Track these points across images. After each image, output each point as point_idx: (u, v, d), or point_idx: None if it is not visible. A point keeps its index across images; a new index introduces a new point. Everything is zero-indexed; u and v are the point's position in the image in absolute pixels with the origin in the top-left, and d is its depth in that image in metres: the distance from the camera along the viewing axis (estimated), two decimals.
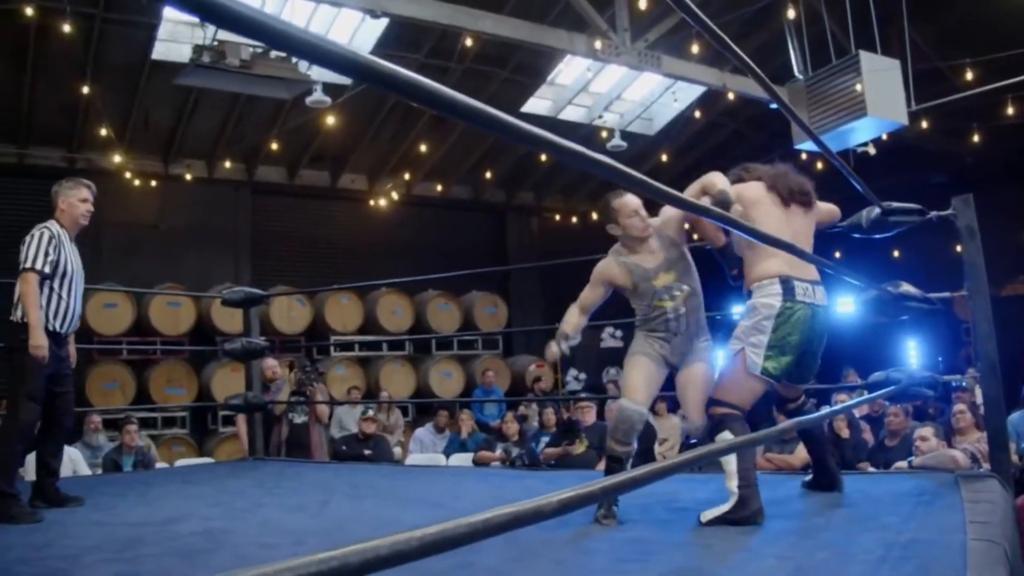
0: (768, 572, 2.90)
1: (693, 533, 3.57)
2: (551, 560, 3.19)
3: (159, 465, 9.44)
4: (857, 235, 4.83)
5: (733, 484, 3.72)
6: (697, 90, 14.41)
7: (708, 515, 3.72)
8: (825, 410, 4.28)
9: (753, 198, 4.09)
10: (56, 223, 5.07)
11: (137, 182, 13.41)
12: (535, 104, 14.72)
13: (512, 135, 1.37)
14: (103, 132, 12.48)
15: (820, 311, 3.99)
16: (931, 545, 3.00)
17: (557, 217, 17.84)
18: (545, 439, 8.94)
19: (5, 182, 13.10)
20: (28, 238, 4.91)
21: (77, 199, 5.14)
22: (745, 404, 3.92)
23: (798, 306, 3.89)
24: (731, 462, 3.77)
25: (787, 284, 3.91)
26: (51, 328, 4.85)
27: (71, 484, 5.51)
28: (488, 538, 1.14)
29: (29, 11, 10.22)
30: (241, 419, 8.68)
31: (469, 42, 11.54)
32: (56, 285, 4.93)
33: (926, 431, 7.19)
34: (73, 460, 8.30)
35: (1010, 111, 12.48)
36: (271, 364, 9.08)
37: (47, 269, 4.85)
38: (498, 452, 9.34)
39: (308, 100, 11.44)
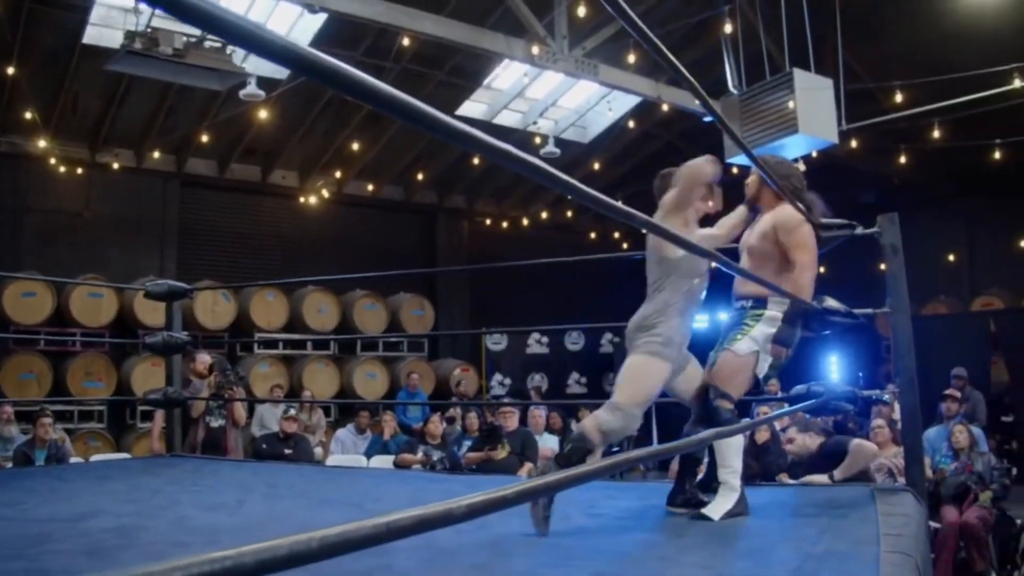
0: None
1: (612, 540, 3.56)
2: (468, 564, 3.16)
3: (73, 460, 9.22)
4: None
5: (736, 480, 3.90)
6: (632, 100, 14.53)
7: (717, 511, 3.83)
8: (746, 421, 4.32)
9: None
10: None
11: (63, 168, 13.13)
12: (470, 108, 14.72)
13: (450, 135, 1.35)
14: (28, 116, 12.19)
15: None
16: (846, 557, 3.03)
17: (488, 221, 17.85)
18: (468, 443, 8.92)
19: None
20: None
21: None
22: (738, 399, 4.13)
23: (799, 329, 4.15)
24: (736, 459, 3.95)
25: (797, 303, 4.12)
26: None
27: None
28: (392, 541, 1.11)
29: None
30: (159, 415, 8.52)
31: (406, 42, 11.48)
32: None
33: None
34: None
35: (936, 135, 12.74)
36: (205, 360, 8.93)
37: None
38: (419, 455, 9.30)
39: (242, 93, 11.31)
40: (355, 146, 14.62)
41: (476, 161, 15.41)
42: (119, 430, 12.58)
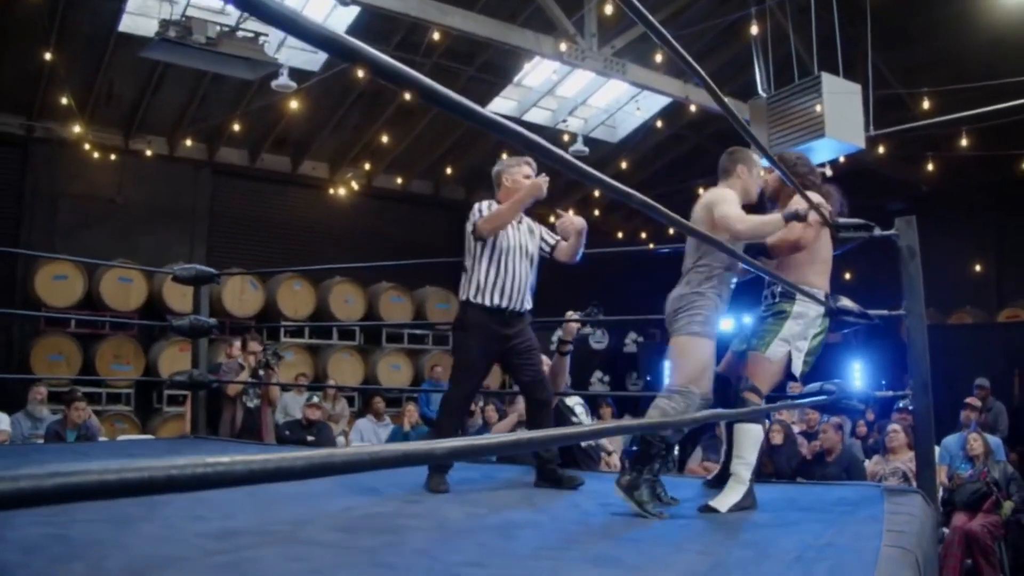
0: (687, 564, 2.97)
1: (617, 526, 3.63)
2: (476, 543, 3.24)
3: (101, 440, 9.37)
4: None
5: (747, 474, 3.97)
6: (661, 101, 14.57)
7: (724, 504, 3.88)
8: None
9: None
10: (496, 202, 4.95)
11: (96, 154, 13.31)
12: (500, 104, 14.79)
13: (485, 124, 1.42)
14: (64, 101, 12.37)
15: None
16: (845, 549, 3.08)
17: None
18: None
19: None
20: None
21: (521, 176, 4.99)
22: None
23: (827, 322, 4.26)
24: (751, 452, 4.03)
25: (827, 299, 4.24)
26: (490, 304, 4.72)
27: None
28: (375, 470, 1.18)
29: None
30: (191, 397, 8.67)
31: (437, 37, 11.55)
32: (490, 261, 4.82)
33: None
34: None
35: (966, 143, 12.70)
36: (255, 348, 9.13)
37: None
38: None
39: (274, 83, 11.43)
40: (385, 139, 14.73)
41: (506, 155, 15.47)
42: (146, 413, 12.75)
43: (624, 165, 15.96)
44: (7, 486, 0.81)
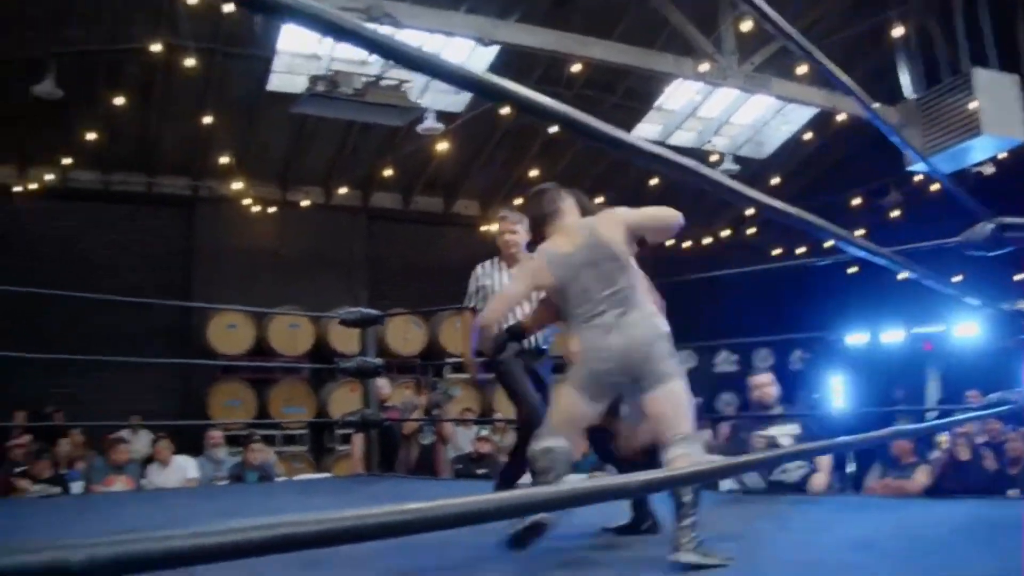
0: None
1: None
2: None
3: (279, 479, 9.73)
4: (973, 252, 4.73)
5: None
6: (808, 112, 14.34)
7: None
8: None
9: None
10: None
11: (256, 208, 13.91)
12: (644, 129, 14.78)
13: (640, 154, 1.49)
14: (223, 161, 13.02)
15: None
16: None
17: (669, 242, 17.70)
18: None
19: (134, 209, 13.80)
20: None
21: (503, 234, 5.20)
22: None
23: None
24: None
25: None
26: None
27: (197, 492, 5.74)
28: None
29: (155, 48, 10.76)
30: (357, 437, 8.92)
31: (577, 68, 11.66)
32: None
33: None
34: (182, 467, 8.90)
35: None
36: (383, 383, 9.34)
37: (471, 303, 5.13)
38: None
39: (420, 128, 11.72)
40: (533, 173, 14.90)
41: (654, 182, 15.46)
42: (319, 452, 13.14)
43: (775, 180, 15.75)
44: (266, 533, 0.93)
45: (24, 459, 8.64)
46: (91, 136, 12.31)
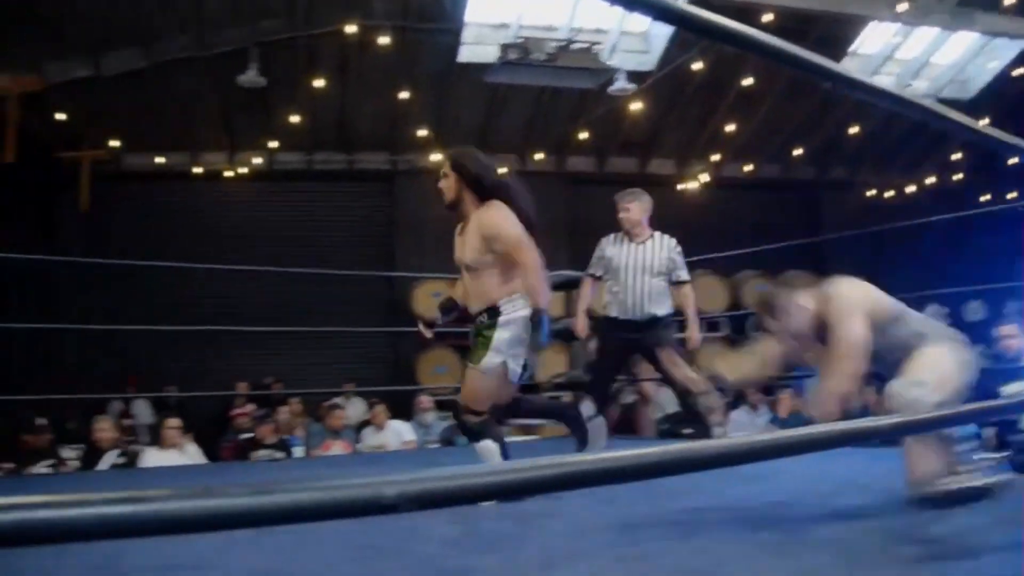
0: None
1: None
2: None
3: None
4: None
5: None
6: (1016, 46, 13.51)
7: None
8: None
9: None
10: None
11: None
12: None
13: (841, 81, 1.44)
14: (420, 133, 13.31)
15: None
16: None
17: (870, 192, 17.10)
18: None
19: (336, 186, 14.33)
20: None
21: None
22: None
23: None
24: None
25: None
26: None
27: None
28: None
29: (350, 29, 11.09)
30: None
31: (768, 17, 11.34)
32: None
33: None
34: (398, 431, 9.17)
35: None
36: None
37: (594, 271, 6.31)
38: None
39: (611, 89, 11.65)
40: (729, 127, 14.62)
41: (855, 130, 14.94)
42: None
43: (984, 122, 14.90)
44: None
45: (249, 427, 9.09)
46: (294, 119, 12.84)
